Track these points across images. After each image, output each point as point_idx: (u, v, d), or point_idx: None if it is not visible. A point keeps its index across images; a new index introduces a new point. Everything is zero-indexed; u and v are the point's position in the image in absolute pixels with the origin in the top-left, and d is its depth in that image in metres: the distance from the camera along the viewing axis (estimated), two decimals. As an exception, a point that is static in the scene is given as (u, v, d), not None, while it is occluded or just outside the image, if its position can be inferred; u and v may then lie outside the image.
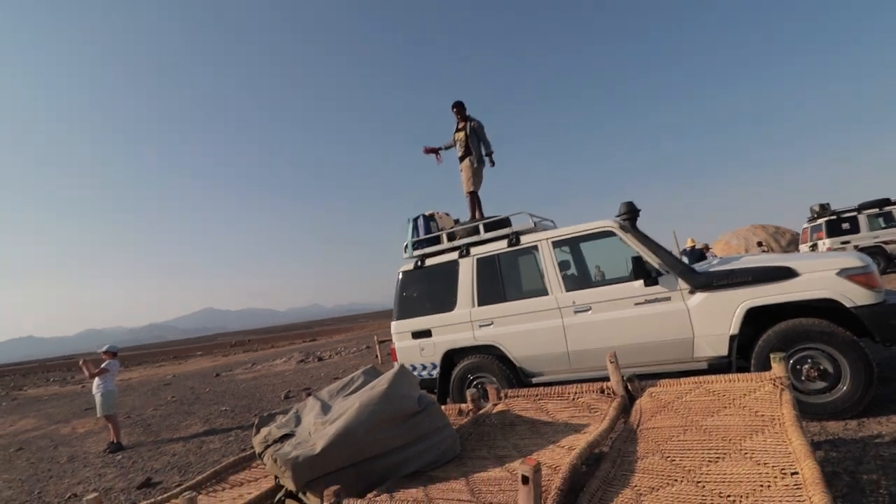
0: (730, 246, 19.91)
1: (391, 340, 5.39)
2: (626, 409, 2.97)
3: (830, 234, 12.69)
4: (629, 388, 3.09)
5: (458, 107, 6.04)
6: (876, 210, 12.51)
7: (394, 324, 5.21)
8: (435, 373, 4.87)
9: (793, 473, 1.78)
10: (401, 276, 5.25)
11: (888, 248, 12.06)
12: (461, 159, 6.00)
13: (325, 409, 2.79)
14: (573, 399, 3.19)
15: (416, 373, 4.94)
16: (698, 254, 11.68)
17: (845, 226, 12.69)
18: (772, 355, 2.71)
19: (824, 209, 13.23)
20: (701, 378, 2.96)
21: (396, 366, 2.88)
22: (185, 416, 8.85)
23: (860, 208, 12.76)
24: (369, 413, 2.44)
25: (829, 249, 12.30)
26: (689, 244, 12.26)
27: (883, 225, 12.43)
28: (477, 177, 5.84)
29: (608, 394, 3.13)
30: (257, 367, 17.26)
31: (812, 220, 13.57)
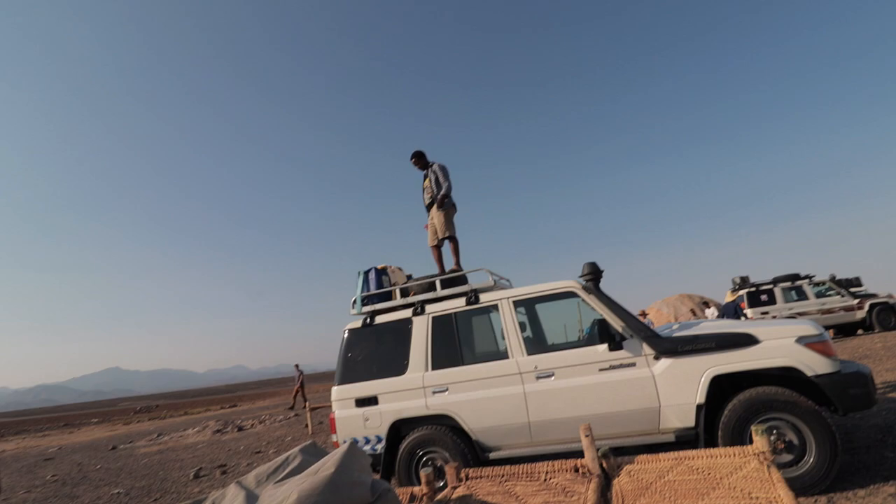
0: (661, 313, 20.90)
1: (327, 407, 4.77)
2: (603, 490, 2.64)
3: (751, 305, 13.62)
4: (604, 465, 2.78)
5: (417, 157, 5.81)
6: (788, 283, 13.69)
7: (335, 388, 4.63)
8: (380, 447, 4.30)
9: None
10: (346, 335, 4.74)
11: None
12: (428, 208, 5.73)
13: (251, 500, 2.22)
14: (545, 480, 2.80)
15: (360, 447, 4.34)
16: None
17: (763, 297, 13.71)
18: (753, 427, 2.54)
19: (744, 281, 14.28)
20: (680, 454, 2.71)
21: (345, 444, 2.39)
22: (65, 500, 7.33)
23: (775, 282, 13.92)
24: (311, 507, 1.94)
25: (752, 318, 13.11)
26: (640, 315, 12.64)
27: (795, 297, 13.56)
28: (449, 220, 5.54)
29: (583, 473, 2.79)
30: (164, 439, 15.08)
31: (734, 291, 14.56)
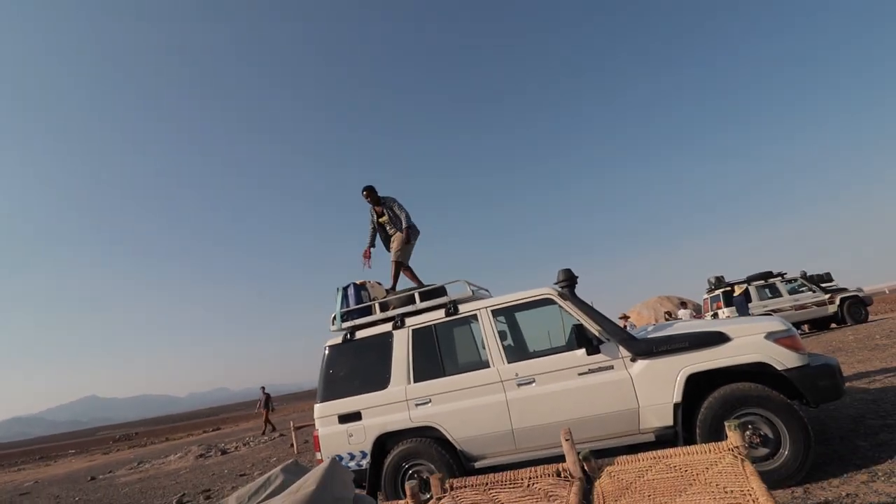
0: (641, 316, 21.20)
1: (312, 426, 4.74)
2: (585, 492, 2.68)
3: (727, 304, 13.93)
4: (585, 468, 2.82)
5: (369, 191, 5.88)
6: (762, 282, 14.07)
7: (317, 406, 4.59)
8: (365, 462, 4.27)
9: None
10: (327, 351, 4.72)
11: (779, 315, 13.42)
12: (389, 240, 5.93)
13: (233, 522, 2.20)
14: (528, 486, 2.82)
15: (342, 464, 4.29)
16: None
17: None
18: (726, 423, 2.61)
19: (720, 281, 14.61)
20: (658, 452, 2.77)
21: (326, 460, 2.39)
22: (41, 537, 7.06)
23: (748, 280, 14.27)
24: (293, 526, 1.93)
25: (730, 317, 13.40)
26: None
27: (769, 295, 13.93)
28: (403, 248, 5.70)
29: (565, 477, 2.83)
30: (145, 466, 14.65)
31: (711, 291, 14.88)
